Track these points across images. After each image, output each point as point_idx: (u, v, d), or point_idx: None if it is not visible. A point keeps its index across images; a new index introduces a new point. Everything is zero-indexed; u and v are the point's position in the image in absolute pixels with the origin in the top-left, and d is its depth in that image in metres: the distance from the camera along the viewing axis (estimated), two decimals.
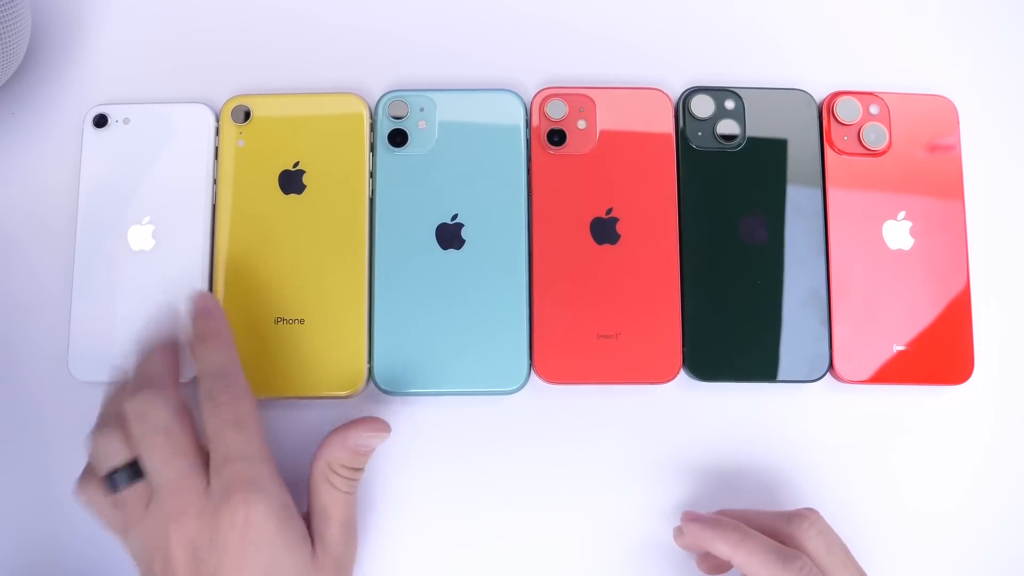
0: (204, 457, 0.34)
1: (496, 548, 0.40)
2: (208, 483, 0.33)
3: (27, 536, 0.40)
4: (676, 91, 0.43)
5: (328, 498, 0.36)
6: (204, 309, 0.37)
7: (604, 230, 0.41)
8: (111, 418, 0.35)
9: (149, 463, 0.33)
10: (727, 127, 0.42)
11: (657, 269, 0.41)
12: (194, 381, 0.36)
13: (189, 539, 0.33)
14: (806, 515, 0.36)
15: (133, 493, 0.34)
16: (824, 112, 0.43)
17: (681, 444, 0.41)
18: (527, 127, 0.42)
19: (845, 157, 0.42)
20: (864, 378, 0.41)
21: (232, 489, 0.33)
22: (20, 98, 0.44)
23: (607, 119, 0.42)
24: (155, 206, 0.41)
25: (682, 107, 0.43)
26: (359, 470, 0.37)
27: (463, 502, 0.41)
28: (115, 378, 0.37)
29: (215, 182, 0.42)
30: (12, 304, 0.42)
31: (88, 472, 0.35)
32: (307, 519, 0.36)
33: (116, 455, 0.34)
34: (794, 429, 0.42)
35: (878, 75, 0.45)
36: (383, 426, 0.37)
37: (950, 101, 0.43)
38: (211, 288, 0.41)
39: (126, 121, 0.42)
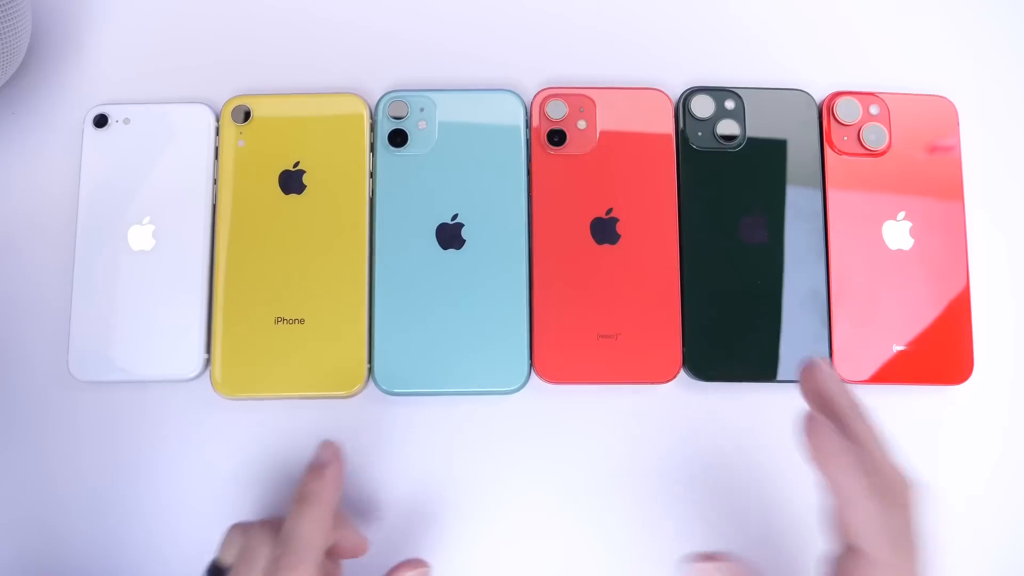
0: None
1: (496, 548, 0.40)
2: None
3: (27, 536, 0.40)
4: (676, 91, 0.43)
5: None
6: (318, 465, 0.36)
7: (604, 230, 0.41)
8: (257, 529, 0.35)
9: None
10: (727, 127, 0.42)
11: (657, 269, 0.41)
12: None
13: None
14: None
15: None
16: (824, 112, 0.43)
17: (681, 444, 0.41)
18: (527, 127, 0.42)
19: (845, 157, 0.42)
20: (864, 378, 0.41)
21: None
22: (20, 98, 0.44)
23: (607, 119, 0.42)
24: (155, 206, 0.41)
25: (682, 107, 0.43)
26: None
27: (463, 502, 0.41)
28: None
29: (215, 182, 0.42)
30: (12, 304, 0.42)
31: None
32: None
33: (226, 553, 0.35)
34: (794, 429, 0.42)
35: (878, 75, 0.45)
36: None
37: (950, 101, 0.43)
38: (211, 288, 0.41)
39: (126, 121, 0.42)
